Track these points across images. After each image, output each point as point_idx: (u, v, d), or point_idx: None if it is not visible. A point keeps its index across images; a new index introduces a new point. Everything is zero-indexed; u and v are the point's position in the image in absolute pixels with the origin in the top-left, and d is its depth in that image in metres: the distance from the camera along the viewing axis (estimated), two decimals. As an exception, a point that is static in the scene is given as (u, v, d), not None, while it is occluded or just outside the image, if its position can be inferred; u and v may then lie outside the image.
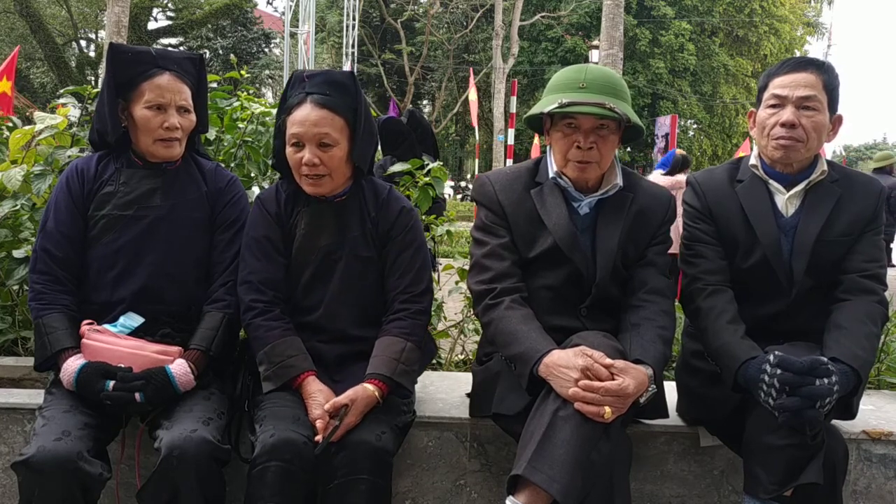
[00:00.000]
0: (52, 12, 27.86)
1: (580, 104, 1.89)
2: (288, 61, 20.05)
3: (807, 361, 1.73)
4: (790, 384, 1.71)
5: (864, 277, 1.99)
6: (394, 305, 2.04)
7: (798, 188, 2.04)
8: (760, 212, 2.04)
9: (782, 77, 2.00)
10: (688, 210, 2.15)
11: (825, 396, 1.71)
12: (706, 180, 2.15)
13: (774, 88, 2.01)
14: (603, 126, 1.93)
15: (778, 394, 1.73)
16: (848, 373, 1.79)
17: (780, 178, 2.06)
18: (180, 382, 1.87)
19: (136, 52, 2.03)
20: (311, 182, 1.98)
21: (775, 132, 1.99)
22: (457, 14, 30.51)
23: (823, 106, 1.98)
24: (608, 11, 7.75)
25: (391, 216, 2.07)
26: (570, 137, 1.94)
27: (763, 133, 2.04)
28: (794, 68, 2.00)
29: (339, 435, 1.77)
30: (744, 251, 2.05)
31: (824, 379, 1.72)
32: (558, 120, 1.97)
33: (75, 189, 2.01)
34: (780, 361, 1.74)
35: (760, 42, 32.00)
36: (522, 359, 1.81)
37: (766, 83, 2.05)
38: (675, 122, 11.20)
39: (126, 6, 7.17)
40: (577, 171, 1.97)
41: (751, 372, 1.81)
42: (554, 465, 1.61)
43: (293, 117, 1.96)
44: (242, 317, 2.00)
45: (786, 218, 2.05)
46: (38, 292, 1.95)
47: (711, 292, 2.02)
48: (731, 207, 2.08)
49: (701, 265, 2.07)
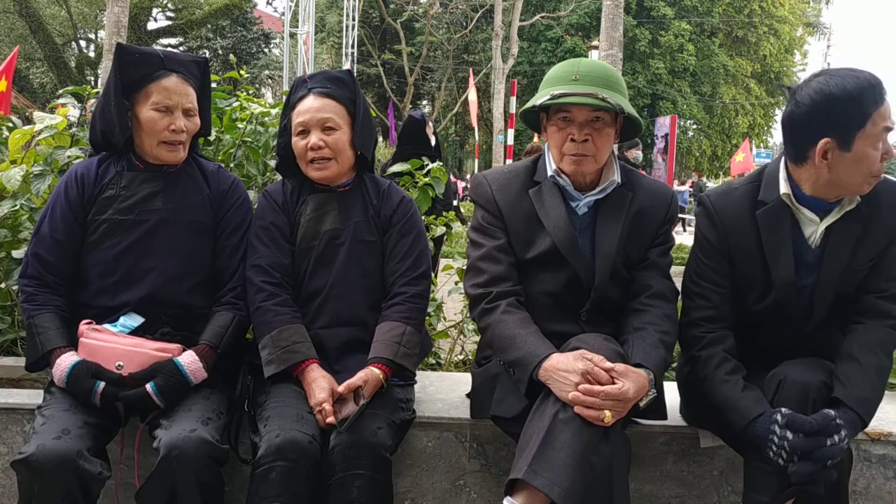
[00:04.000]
0: (52, 12, 27.86)
1: (572, 95, 1.86)
2: (287, 61, 20.03)
3: (817, 420, 1.70)
4: (802, 449, 1.69)
5: (881, 299, 1.90)
6: (392, 289, 2.08)
7: (834, 217, 1.86)
8: (781, 252, 1.88)
9: (885, 105, 1.73)
10: (700, 241, 2.00)
11: (836, 455, 1.70)
12: (723, 206, 1.95)
13: (886, 121, 1.73)
14: (598, 118, 1.91)
15: (789, 456, 1.70)
16: (855, 421, 1.76)
17: (817, 205, 1.86)
18: (191, 372, 1.87)
19: (145, 53, 2.03)
20: (318, 166, 2.05)
21: (879, 168, 1.76)
22: (456, 14, 30.53)
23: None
24: (608, 12, 7.75)
25: (392, 204, 2.14)
26: (565, 131, 1.92)
27: (861, 167, 1.75)
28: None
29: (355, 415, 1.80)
30: (758, 294, 1.94)
31: (835, 436, 1.70)
32: (553, 114, 1.95)
33: (73, 195, 2.00)
34: (789, 422, 1.71)
35: (760, 42, 32.03)
36: (521, 364, 1.81)
37: (867, 110, 1.72)
38: (675, 123, 11.22)
39: (126, 6, 7.16)
40: (572, 165, 1.94)
41: (759, 431, 1.76)
42: (554, 469, 1.60)
43: (298, 109, 2.07)
44: (251, 300, 2.02)
45: (812, 250, 1.89)
46: (29, 294, 1.95)
47: (710, 341, 1.93)
48: (748, 240, 1.91)
49: (703, 311, 1.96)
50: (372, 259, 2.10)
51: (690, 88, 30.01)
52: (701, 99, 30.30)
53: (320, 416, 1.82)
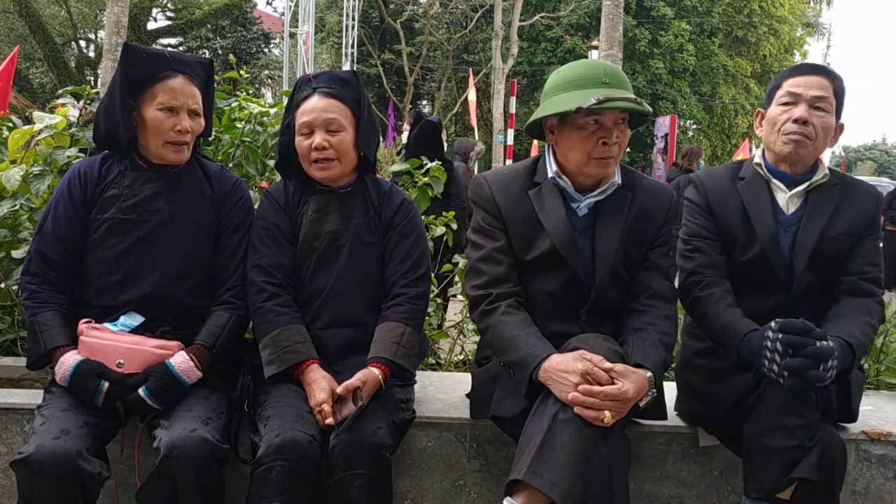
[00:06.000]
0: (52, 12, 27.83)
1: (617, 99, 1.85)
2: (287, 61, 20.01)
3: (805, 323, 1.78)
4: (793, 345, 1.75)
5: (864, 280, 2.07)
6: (392, 290, 2.08)
7: (800, 188, 2.10)
8: (760, 207, 2.09)
9: (796, 78, 2.08)
10: (688, 206, 2.20)
11: (828, 357, 1.75)
12: (708, 177, 2.20)
13: (788, 87, 2.07)
14: (623, 120, 1.93)
15: (781, 357, 1.76)
16: (844, 346, 1.84)
17: (783, 177, 2.12)
18: (183, 372, 1.87)
19: (152, 53, 2.03)
20: (321, 166, 2.05)
21: (787, 128, 2.05)
22: (456, 14, 30.50)
23: (832, 109, 2.06)
24: (607, 12, 7.75)
25: (393, 206, 2.14)
26: (595, 134, 1.90)
27: (773, 129, 2.09)
28: (808, 72, 2.08)
29: (354, 415, 1.80)
30: (742, 245, 2.10)
31: (824, 342, 1.76)
32: (579, 118, 1.89)
33: (76, 193, 2.00)
34: (781, 326, 1.79)
35: (760, 43, 32.01)
36: (521, 364, 1.81)
37: (778, 83, 2.11)
38: (675, 123, 11.22)
39: (125, 6, 7.15)
40: (600, 168, 1.93)
41: (754, 341, 1.85)
42: (554, 470, 1.61)
43: (302, 109, 2.07)
44: (252, 300, 2.02)
45: (786, 215, 2.10)
46: (31, 292, 1.95)
47: (708, 283, 2.07)
48: (731, 203, 2.13)
49: (698, 260, 2.11)
50: (372, 260, 2.10)
51: (690, 88, 29.98)
52: (701, 99, 30.28)
53: (320, 417, 1.82)
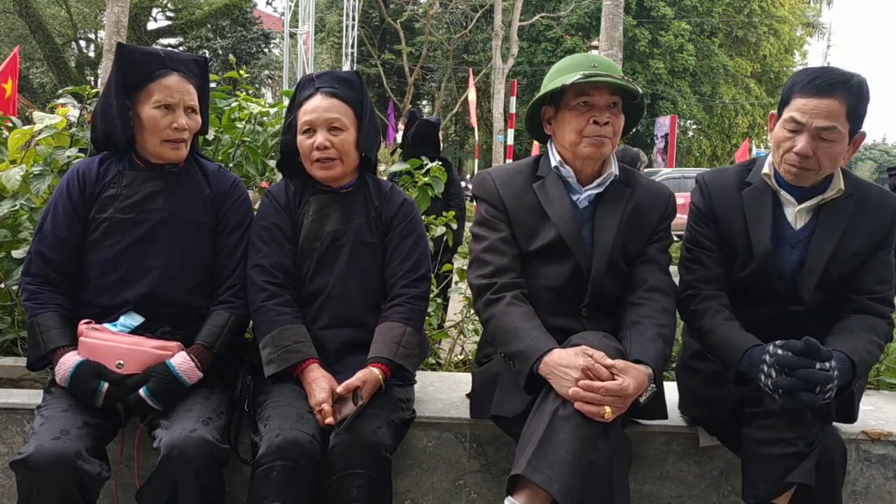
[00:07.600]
0: (52, 12, 27.85)
1: (602, 75, 1.91)
2: (287, 61, 20.03)
3: (808, 343, 1.76)
4: (787, 364, 1.75)
5: (873, 300, 1.98)
6: (393, 291, 2.08)
7: (810, 203, 1.99)
8: (760, 221, 2.00)
9: (805, 99, 1.86)
10: (693, 211, 2.13)
11: (825, 382, 1.73)
12: (714, 181, 2.11)
13: (795, 110, 1.88)
14: (615, 104, 1.96)
15: (777, 375, 1.75)
16: (845, 362, 1.80)
17: (793, 190, 2.00)
18: (183, 373, 1.87)
19: (146, 52, 2.03)
20: (323, 166, 2.06)
21: (789, 157, 1.91)
22: (456, 14, 30.53)
23: (843, 136, 1.87)
24: (608, 12, 7.76)
25: (394, 206, 2.14)
26: (586, 114, 1.94)
27: (778, 151, 1.96)
28: (819, 93, 1.84)
29: (354, 415, 1.80)
30: (742, 260, 2.03)
31: (825, 363, 1.74)
32: (570, 100, 1.96)
33: (75, 193, 2.00)
34: (782, 345, 1.78)
35: (760, 42, 32.03)
36: (522, 356, 1.81)
37: (789, 96, 1.92)
38: (675, 123, 11.22)
39: (125, 6, 7.16)
40: (591, 147, 1.95)
41: (754, 358, 1.83)
42: (554, 466, 1.61)
43: (304, 108, 2.07)
44: (253, 299, 2.02)
45: (794, 230, 2.00)
46: (31, 292, 1.95)
47: (705, 297, 2.02)
48: (734, 213, 2.04)
49: (698, 272, 2.07)
50: (373, 260, 2.10)
51: (690, 88, 30.00)
52: (701, 99, 30.30)
53: (319, 416, 1.82)
